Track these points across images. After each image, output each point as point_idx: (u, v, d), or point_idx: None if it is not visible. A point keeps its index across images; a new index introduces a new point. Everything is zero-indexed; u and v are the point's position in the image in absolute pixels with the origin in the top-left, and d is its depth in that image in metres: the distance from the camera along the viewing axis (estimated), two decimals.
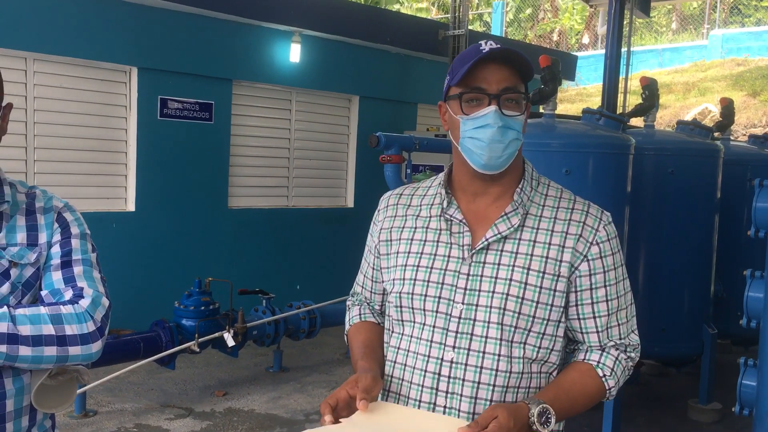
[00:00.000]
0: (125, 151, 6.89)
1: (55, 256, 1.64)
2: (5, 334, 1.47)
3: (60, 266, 1.63)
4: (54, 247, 1.65)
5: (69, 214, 1.71)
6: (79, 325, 1.55)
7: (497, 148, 1.60)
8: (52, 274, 1.62)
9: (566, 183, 1.83)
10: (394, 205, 1.82)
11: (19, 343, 1.48)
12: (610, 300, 1.67)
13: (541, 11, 22.74)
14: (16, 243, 1.61)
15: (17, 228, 1.63)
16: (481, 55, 1.57)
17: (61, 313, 1.55)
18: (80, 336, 1.54)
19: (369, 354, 1.74)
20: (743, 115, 12.69)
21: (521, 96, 1.62)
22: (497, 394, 1.61)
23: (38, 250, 1.63)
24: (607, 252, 1.67)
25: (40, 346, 1.50)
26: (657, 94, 5.58)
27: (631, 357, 1.71)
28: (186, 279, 5.95)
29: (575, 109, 14.16)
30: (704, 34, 18.24)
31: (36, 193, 1.71)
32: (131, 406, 5.28)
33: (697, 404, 5.50)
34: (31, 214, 1.66)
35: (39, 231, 1.65)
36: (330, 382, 6.09)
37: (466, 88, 1.61)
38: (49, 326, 1.52)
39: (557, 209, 1.68)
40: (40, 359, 1.51)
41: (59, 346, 1.52)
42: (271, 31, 7.73)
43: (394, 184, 6.57)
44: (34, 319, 1.51)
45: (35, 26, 6.09)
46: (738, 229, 5.45)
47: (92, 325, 1.57)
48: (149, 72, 6.87)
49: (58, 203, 1.71)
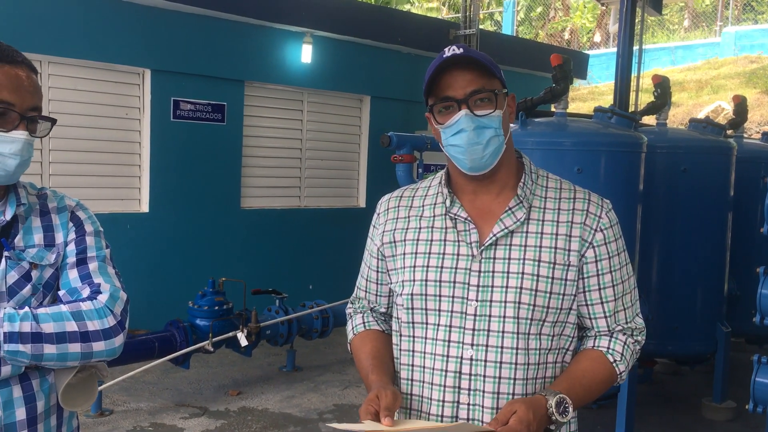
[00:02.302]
0: (139, 152, 6.95)
1: (70, 255, 1.66)
2: (29, 333, 1.49)
3: (75, 264, 1.65)
4: (69, 246, 1.66)
5: (82, 212, 1.72)
6: (100, 321, 1.57)
7: (477, 149, 1.63)
8: (68, 273, 1.64)
9: (578, 181, 1.84)
10: (395, 207, 1.82)
11: (44, 342, 1.50)
12: (615, 285, 1.71)
13: (552, 10, 22.67)
14: (34, 244, 1.63)
15: (33, 229, 1.64)
16: (440, 62, 1.60)
17: (82, 309, 1.56)
18: (102, 331, 1.57)
19: (379, 366, 1.74)
20: (756, 113, 12.60)
21: (492, 93, 1.63)
22: (518, 386, 1.63)
23: (56, 250, 1.65)
24: (611, 238, 1.70)
25: (64, 343, 1.52)
26: (669, 92, 5.56)
27: (638, 340, 1.76)
28: (200, 279, 5.99)
29: (587, 107, 14.11)
30: (717, 32, 18.12)
31: (47, 194, 1.72)
32: (146, 406, 5.32)
33: (711, 403, 5.48)
34: (46, 215, 1.67)
35: (55, 231, 1.66)
36: (343, 381, 6.11)
37: (435, 98, 1.65)
38: (71, 323, 1.53)
39: (559, 200, 1.71)
40: (65, 356, 1.53)
41: (83, 342, 1.54)
42: (282, 32, 7.76)
43: (406, 183, 6.57)
44: (56, 317, 1.53)
45: (49, 29, 6.16)
46: (752, 227, 5.43)
47: (113, 319, 1.59)
48: (162, 74, 6.92)
49: (71, 202, 1.73)
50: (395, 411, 1.58)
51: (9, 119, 1.55)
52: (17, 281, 1.58)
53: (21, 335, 1.48)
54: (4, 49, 1.59)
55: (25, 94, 1.57)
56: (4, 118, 1.54)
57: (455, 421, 1.65)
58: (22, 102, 1.56)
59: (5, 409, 1.54)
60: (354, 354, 1.86)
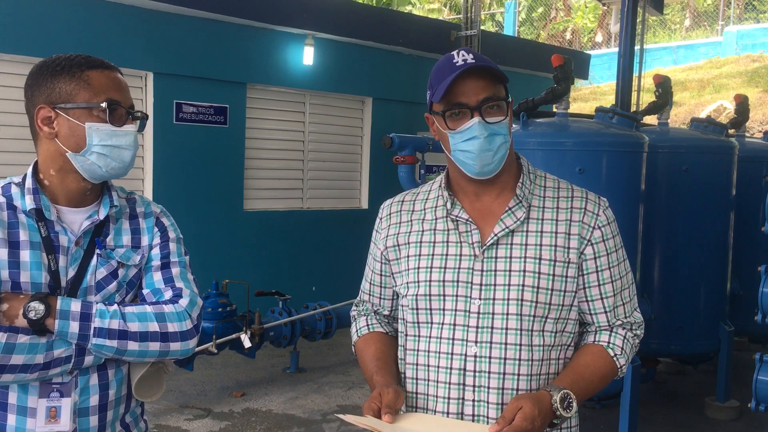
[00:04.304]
0: (142, 155, 6.97)
1: (155, 258, 1.78)
2: (116, 330, 1.62)
3: (160, 267, 1.77)
4: (154, 250, 1.79)
5: (166, 219, 1.85)
6: (179, 323, 1.70)
7: (487, 155, 1.67)
8: (153, 275, 1.76)
9: (580, 182, 1.87)
10: (397, 212, 1.86)
11: (128, 339, 1.63)
12: (614, 281, 1.75)
13: (553, 10, 22.68)
14: (123, 245, 1.75)
15: (123, 231, 1.77)
16: (457, 71, 1.63)
17: (164, 311, 1.69)
18: (180, 333, 1.70)
19: (383, 368, 1.77)
20: (758, 112, 12.59)
21: (503, 101, 1.67)
22: (522, 382, 1.67)
23: (141, 252, 1.77)
24: (608, 235, 1.74)
25: (146, 341, 1.65)
26: (670, 91, 5.57)
27: (637, 334, 1.79)
28: (203, 281, 5.97)
29: (589, 107, 14.11)
30: (719, 31, 18.11)
31: (135, 198, 1.86)
32: (150, 407, 5.34)
33: (715, 402, 5.49)
34: (134, 218, 1.81)
35: (141, 234, 1.79)
36: (347, 382, 6.12)
37: (447, 104, 1.67)
38: (154, 323, 1.67)
39: (557, 199, 1.75)
40: (145, 353, 1.66)
41: (162, 342, 1.67)
42: (284, 35, 7.78)
43: (409, 184, 6.59)
44: (141, 317, 1.66)
45: (51, 33, 6.17)
46: (754, 226, 5.43)
47: (190, 323, 1.72)
48: (165, 77, 6.94)
49: (156, 208, 1.86)
50: (397, 409, 1.61)
51: (119, 115, 1.70)
52: (105, 278, 1.71)
53: (109, 331, 1.61)
54: (98, 59, 1.75)
55: (126, 93, 1.74)
56: (114, 114, 1.69)
57: (460, 418, 1.68)
58: (125, 100, 1.73)
59: (82, 394, 1.66)
60: (358, 356, 1.89)
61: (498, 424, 1.53)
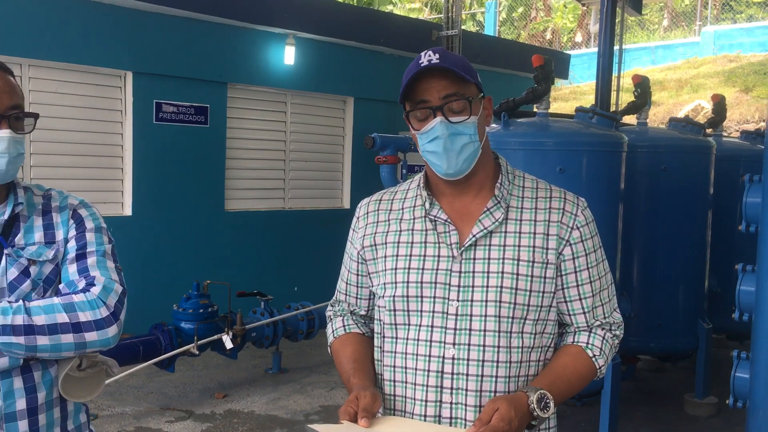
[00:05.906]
0: (121, 155, 6.92)
1: (71, 251, 1.72)
2: (21, 326, 1.55)
3: (75, 259, 1.71)
4: (70, 242, 1.73)
5: (84, 209, 1.78)
6: (92, 312, 1.62)
7: (452, 155, 1.65)
8: (68, 267, 1.70)
9: (560, 181, 1.88)
10: (375, 211, 1.83)
11: (36, 333, 1.56)
12: (593, 281, 1.73)
13: (533, 10, 22.79)
14: (34, 242, 1.70)
15: (34, 228, 1.71)
16: (417, 70, 1.61)
17: (74, 301, 1.62)
18: (94, 322, 1.61)
19: (360, 369, 1.74)
20: (736, 111, 12.74)
21: (466, 101, 1.64)
22: (501, 384, 1.65)
23: (56, 246, 1.71)
24: (587, 235, 1.73)
25: (57, 334, 1.57)
26: (649, 91, 5.62)
27: (616, 335, 1.78)
28: (184, 282, 5.97)
29: (569, 107, 14.19)
30: (696, 31, 18.29)
31: (52, 194, 1.80)
32: (131, 410, 5.30)
33: (694, 398, 5.55)
34: (47, 214, 1.75)
35: (55, 229, 1.73)
36: (329, 382, 6.12)
37: (412, 104, 1.67)
38: (62, 315, 1.59)
39: (536, 199, 1.73)
40: (59, 347, 1.58)
41: (75, 333, 1.59)
42: (265, 34, 7.75)
43: (390, 184, 6.60)
44: (47, 309, 1.58)
45: (30, 32, 6.11)
46: (731, 225, 5.49)
47: (105, 310, 1.63)
48: (144, 76, 6.89)
49: (74, 201, 1.80)
50: (374, 412, 1.59)
51: None
52: (17, 277, 1.65)
53: (14, 327, 1.54)
54: None
55: (1, 95, 1.63)
56: None
57: (438, 421, 1.66)
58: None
59: (6, 399, 1.61)
60: (335, 357, 1.86)
61: (475, 426, 1.51)
